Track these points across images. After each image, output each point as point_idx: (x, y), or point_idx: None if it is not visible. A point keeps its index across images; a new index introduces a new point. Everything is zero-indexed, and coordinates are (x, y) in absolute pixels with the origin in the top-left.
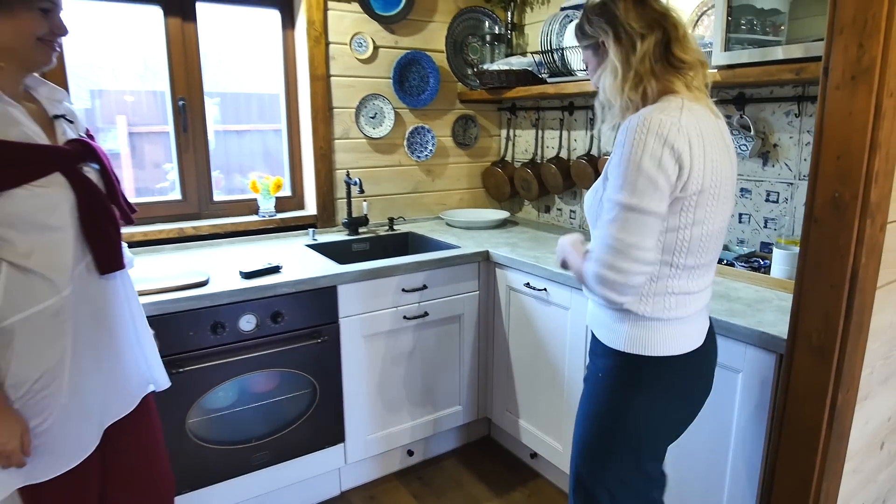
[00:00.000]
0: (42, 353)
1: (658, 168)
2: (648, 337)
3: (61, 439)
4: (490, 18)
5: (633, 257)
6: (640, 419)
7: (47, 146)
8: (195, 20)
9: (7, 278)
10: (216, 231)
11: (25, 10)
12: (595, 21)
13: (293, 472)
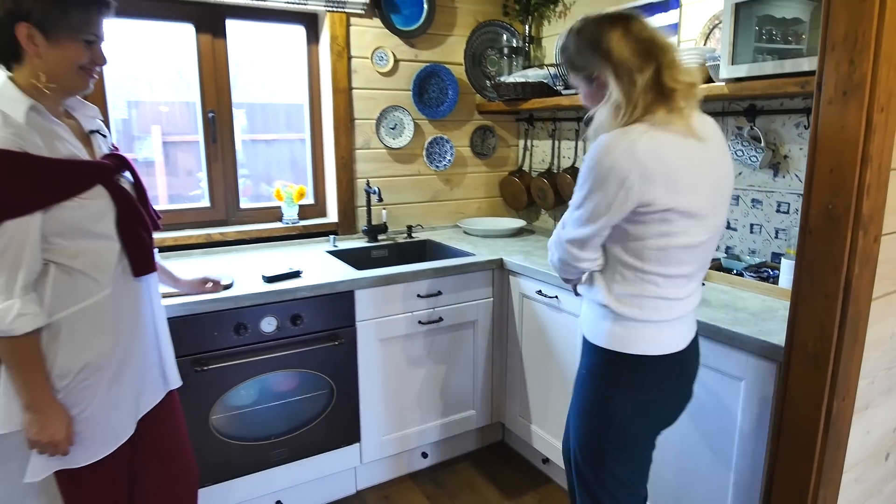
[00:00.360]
0: (84, 346)
1: (602, 186)
2: (628, 336)
3: (98, 428)
4: (508, 32)
5: (574, 257)
6: (622, 413)
7: (91, 162)
8: (225, 37)
9: (55, 279)
10: (242, 237)
11: (72, 41)
12: (588, 55)
13: (310, 470)
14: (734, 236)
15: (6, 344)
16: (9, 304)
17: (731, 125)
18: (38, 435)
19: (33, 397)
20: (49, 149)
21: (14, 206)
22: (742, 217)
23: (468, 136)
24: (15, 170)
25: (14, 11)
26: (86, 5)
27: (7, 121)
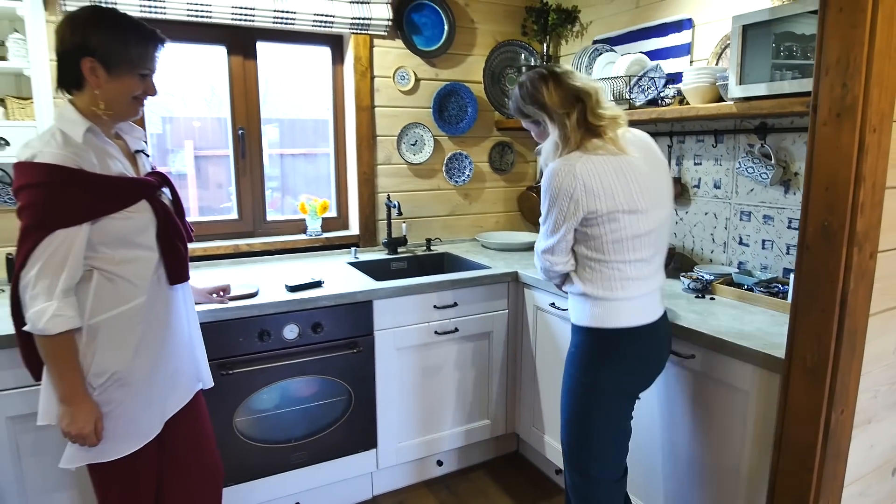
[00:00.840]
0: (120, 348)
1: (556, 202)
2: (606, 314)
3: (129, 425)
4: (526, 51)
5: (550, 262)
6: (606, 377)
7: (138, 179)
8: (255, 58)
9: (97, 285)
10: (267, 248)
11: (129, 75)
12: (530, 108)
13: (328, 473)
14: (746, 252)
15: (44, 341)
16: (47, 305)
17: (742, 143)
18: (69, 427)
19: (66, 392)
20: (102, 166)
21: (67, 216)
22: (754, 233)
23: (487, 151)
24: (71, 184)
25: (81, 46)
26: (144, 43)
27: (67, 140)
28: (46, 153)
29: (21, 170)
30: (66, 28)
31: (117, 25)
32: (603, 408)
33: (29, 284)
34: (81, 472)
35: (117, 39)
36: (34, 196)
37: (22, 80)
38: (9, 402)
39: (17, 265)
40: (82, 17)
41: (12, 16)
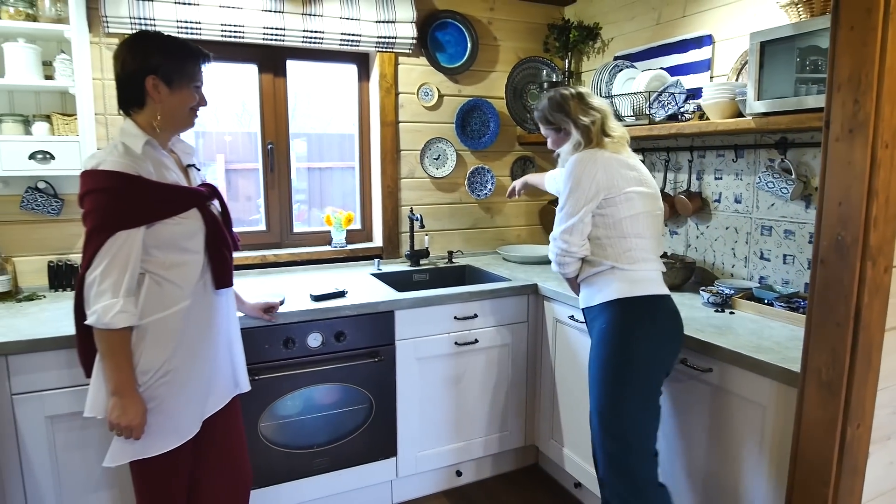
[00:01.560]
0: (166, 347)
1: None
2: (633, 283)
3: (170, 422)
4: (548, 67)
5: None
6: (642, 346)
7: (190, 188)
8: (285, 76)
9: (147, 288)
10: (294, 259)
11: (186, 87)
12: (557, 115)
13: (349, 480)
14: (767, 266)
15: (105, 335)
16: (113, 301)
17: (762, 157)
18: (119, 419)
19: (119, 384)
20: (158, 175)
21: (127, 218)
22: (775, 248)
23: (509, 166)
24: (131, 189)
25: (144, 67)
26: (195, 58)
27: (128, 151)
28: (109, 161)
29: (86, 177)
30: (126, 53)
31: (170, 46)
32: (639, 375)
33: (95, 282)
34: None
35: (173, 57)
36: (98, 200)
37: (66, 98)
38: (48, 402)
39: (82, 265)
40: (139, 41)
41: (60, 38)
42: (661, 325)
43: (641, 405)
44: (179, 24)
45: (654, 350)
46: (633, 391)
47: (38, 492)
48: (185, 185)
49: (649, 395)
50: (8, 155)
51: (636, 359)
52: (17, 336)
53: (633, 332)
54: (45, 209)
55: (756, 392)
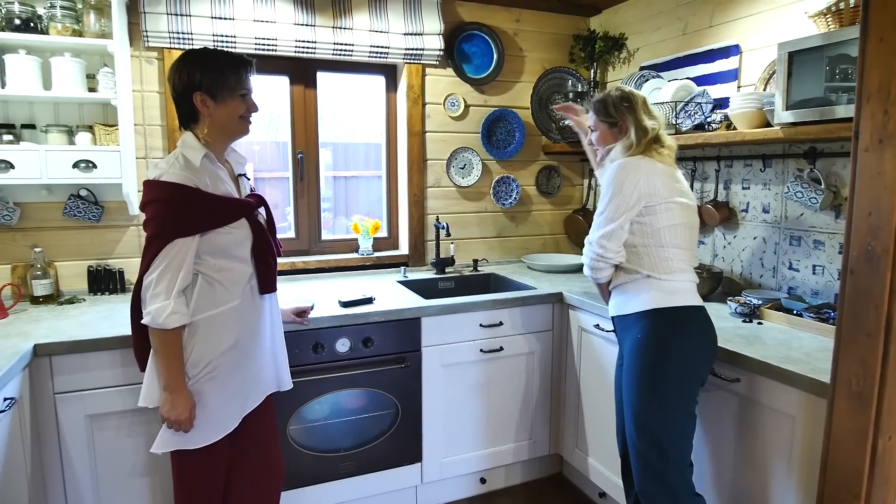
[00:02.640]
0: (214, 344)
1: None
2: (670, 293)
3: (214, 416)
4: (573, 77)
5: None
6: (677, 361)
7: (240, 199)
8: (315, 87)
9: (199, 287)
10: (322, 266)
11: (232, 98)
12: (622, 109)
13: (374, 485)
14: (796, 277)
15: (159, 334)
16: (166, 303)
17: (791, 167)
18: (169, 413)
19: (170, 380)
20: (213, 187)
21: (184, 227)
22: (804, 258)
23: (534, 175)
24: (189, 200)
25: (189, 85)
26: (236, 67)
27: (187, 163)
28: (171, 173)
29: (149, 187)
30: (174, 75)
31: (211, 59)
32: (675, 386)
33: (151, 284)
34: (153, 466)
35: (215, 70)
36: (158, 209)
37: (108, 109)
38: (88, 401)
39: (141, 268)
40: (183, 61)
41: (103, 52)
42: (696, 336)
43: (678, 416)
44: (215, 37)
45: (690, 361)
46: (671, 402)
47: (76, 487)
48: (235, 197)
49: (686, 406)
50: (53, 164)
51: (672, 370)
52: (60, 337)
53: (669, 344)
54: (87, 216)
55: (785, 403)
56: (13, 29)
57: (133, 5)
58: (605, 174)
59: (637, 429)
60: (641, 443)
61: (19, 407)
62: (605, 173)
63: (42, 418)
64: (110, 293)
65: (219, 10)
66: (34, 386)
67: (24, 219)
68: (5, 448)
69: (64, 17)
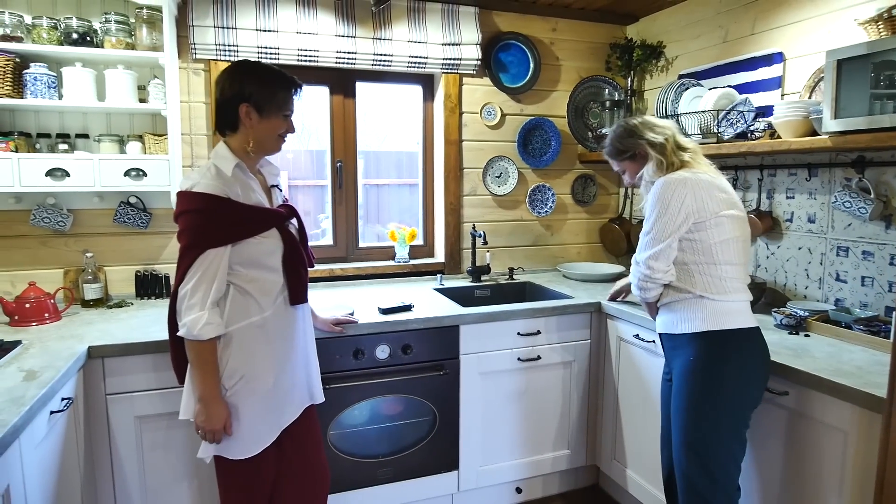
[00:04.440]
0: (249, 355)
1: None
2: (724, 314)
3: (252, 429)
4: (610, 86)
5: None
6: (732, 385)
7: (271, 209)
8: (354, 97)
9: (232, 297)
10: (359, 273)
11: (276, 116)
12: (628, 142)
13: (411, 492)
14: (844, 288)
15: (194, 346)
16: (200, 314)
17: (838, 176)
18: (204, 423)
19: (205, 392)
20: (244, 197)
21: (217, 238)
22: (852, 269)
23: (569, 184)
24: (220, 210)
25: (238, 94)
26: (286, 87)
27: (219, 173)
28: (203, 184)
29: (182, 197)
30: (225, 80)
31: (265, 75)
32: (728, 411)
33: (186, 296)
34: (199, 468)
35: (266, 86)
36: (191, 220)
37: (157, 119)
38: (138, 403)
39: (176, 280)
40: (238, 70)
41: (154, 64)
42: (750, 360)
43: (729, 441)
44: (260, 49)
45: (744, 386)
46: (722, 427)
47: (125, 485)
48: (266, 207)
49: (737, 431)
50: (106, 172)
51: (725, 395)
52: (112, 340)
53: (722, 368)
54: (135, 222)
55: (837, 417)
56: (71, 43)
57: (182, 19)
58: (649, 193)
59: (685, 452)
60: (689, 466)
61: (75, 407)
62: (649, 193)
63: (94, 418)
64: (156, 297)
65: (263, 22)
66: (88, 387)
67: (77, 225)
68: (62, 445)
69: (118, 30)
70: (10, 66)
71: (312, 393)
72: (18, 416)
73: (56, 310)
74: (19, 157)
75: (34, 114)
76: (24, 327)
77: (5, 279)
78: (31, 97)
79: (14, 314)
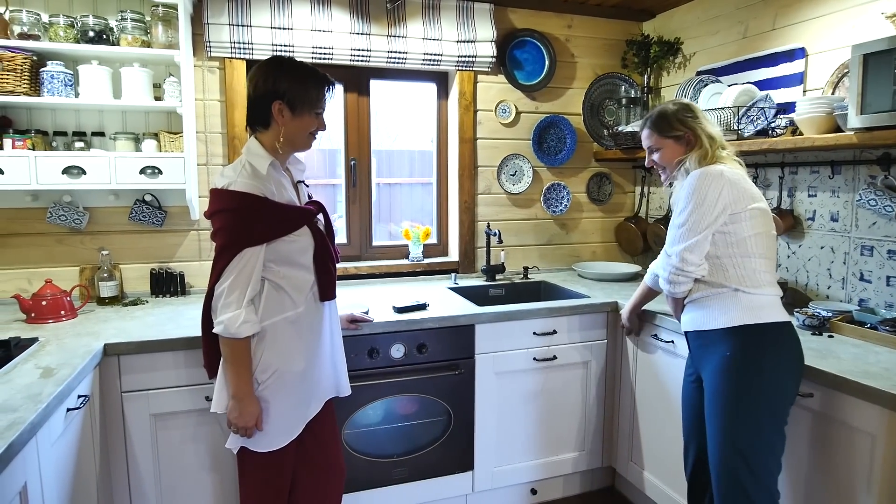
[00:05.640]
0: (282, 349)
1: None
2: (759, 308)
3: (280, 422)
4: (626, 83)
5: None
6: (772, 378)
7: (302, 207)
8: (369, 95)
9: (267, 293)
10: (373, 271)
11: (309, 113)
12: (687, 120)
13: (426, 492)
14: (868, 288)
15: (230, 343)
16: (238, 313)
17: (862, 174)
18: (237, 419)
19: (239, 388)
20: (278, 195)
21: (254, 237)
22: (877, 269)
23: (585, 182)
24: (258, 210)
25: (272, 91)
26: (320, 86)
27: (255, 172)
28: (239, 182)
29: (217, 196)
30: (259, 76)
31: (299, 72)
32: (769, 405)
33: (223, 294)
34: (214, 466)
35: (300, 83)
36: (228, 219)
37: (172, 117)
38: (153, 400)
39: (212, 278)
40: (272, 66)
41: (169, 62)
42: (787, 354)
43: (772, 436)
44: (275, 47)
45: (784, 379)
46: (764, 422)
47: (140, 482)
48: (298, 205)
49: (779, 426)
50: (122, 170)
51: (766, 389)
52: (128, 338)
53: (761, 362)
54: (151, 220)
55: (864, 420)
56: (88, 41)
57: (197, 17)
58: (683, 185)
59: (730, 452)
60: (735, 466)
61: (91, 404)
62: (683, 184)
63: (110, 416)
64: (171, 295)
65: (278, 20)
66: (104, 384)
67: (93, 223)
68: (78, 443)
69: (134, 28)
70: (27, 65)
71: (339, 386)
72: (35, 413)
73: (72, 307)
74: (36, 154)
75: (51, 112)
76: (41, 325)
77: (22, 277)
78: (47, 95)
79: (31, 311)
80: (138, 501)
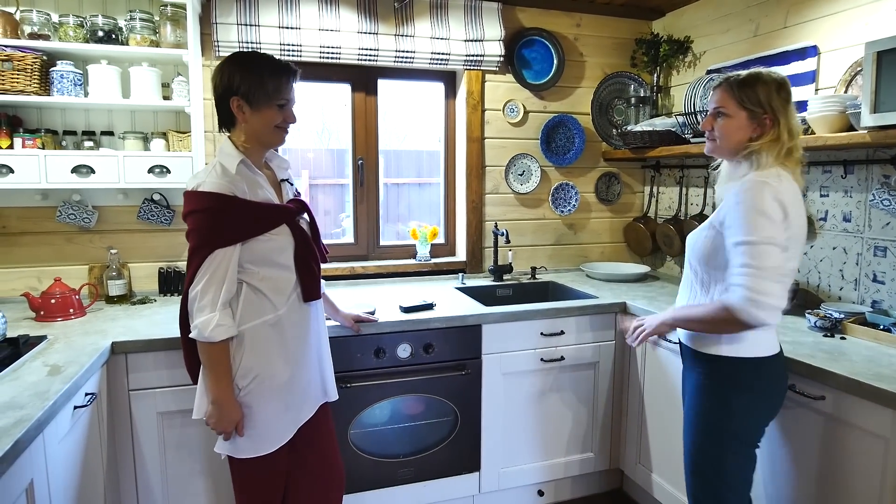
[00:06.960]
0: (262, 354)
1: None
2: (740, 342)
3: (267, 428)
4: (636, 82)
5: (770, 293)
6: (741, 415)
7: (280, 205)
8: (376, 94)
9: (245, 296)
10: (380, 271)
11: (268, 106)
12: (777, 103)
13: (432, 493)
14: (881, 290)
15: (206, 347)
16: (211, 316)
17: (876, 174)
18: (216, 425)
19: (218, 394)
20: (251, 194)
21: (224, 237)
22: (890, 270)
23: (593, 182)
24: (227, 209)
25: (228, 87)
26: (277, 76)
27: (224, 171)
28: (208, 183)
29: (188, 197)
30: (216, 76)
31: (252, 64)
32: (736, 437)
33: (196, 297)
34: (218, 465)
35: (254, 76)
36: (199, 220)
37: (181, 116)
38: (160, 399)
39: (186, 281)
40: (226, 63)
41: (178, 61)
42: (763, 392)
43: (737, 463)
44: (283, 46)
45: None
46: (729, 450)
47: (146, 480)
48: (275, 203)
49: (745, 452)
50: (130, 169)
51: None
52: (136, 336)
53: (731, 398)
54: (159, 219)
55: (876, 423)
56: (97, 41)
57: (206, 16)
58: (741, 187)
59: (692, 471)
60: (695, 485)
61: (98, 402)
62: (741, 186)
63: (117, 414)
64: (179, 294)
65: (286, 19)
66: (111, 382)
67: (101, 222)
68: (85, 441)
69: (143, 28)
70: (37, 64)
71: (326, 390)
72: (42, 410)
73: (81, 305)
74: (46, 153)
75: (60, 111)
76: (50, 322)
77: (32, 275)
78: (57, 94)
79: (40, 309)
80: (145, 498)
